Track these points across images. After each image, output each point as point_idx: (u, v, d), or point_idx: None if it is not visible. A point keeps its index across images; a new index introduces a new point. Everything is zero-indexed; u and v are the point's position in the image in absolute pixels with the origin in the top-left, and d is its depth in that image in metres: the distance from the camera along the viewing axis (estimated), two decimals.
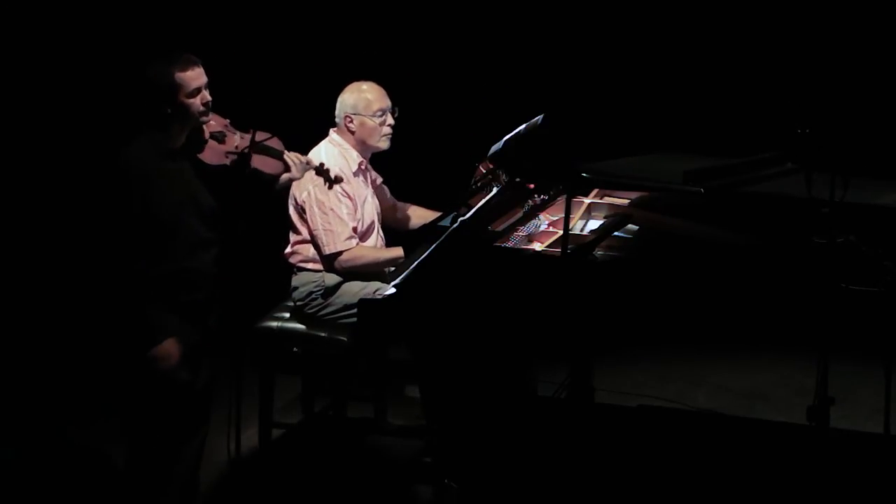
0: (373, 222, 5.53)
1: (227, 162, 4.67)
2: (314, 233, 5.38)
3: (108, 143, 4.76)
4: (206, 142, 4.66)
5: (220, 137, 4.68)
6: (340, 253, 5.36)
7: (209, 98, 4.62)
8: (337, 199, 5.35)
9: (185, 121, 4.59)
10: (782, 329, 4.87)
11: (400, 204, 5.78)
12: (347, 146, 5.45)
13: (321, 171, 5.06)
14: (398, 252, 5.41)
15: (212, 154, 4.66)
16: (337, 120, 5.49)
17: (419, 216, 5.75)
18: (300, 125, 5.31)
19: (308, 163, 4.95)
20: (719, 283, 4.77)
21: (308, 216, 5.39)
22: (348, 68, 5.99)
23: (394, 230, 5.71)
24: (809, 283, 4.62)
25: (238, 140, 4.72)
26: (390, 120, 5.49)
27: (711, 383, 6.34)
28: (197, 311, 4.64)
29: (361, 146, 5.49)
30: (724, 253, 4.83)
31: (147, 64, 4.57)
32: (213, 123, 4.69)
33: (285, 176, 4.87)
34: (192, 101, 4.57)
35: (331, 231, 5.36)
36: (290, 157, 4.84)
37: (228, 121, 4.73)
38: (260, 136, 4.71)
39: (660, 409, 5.96)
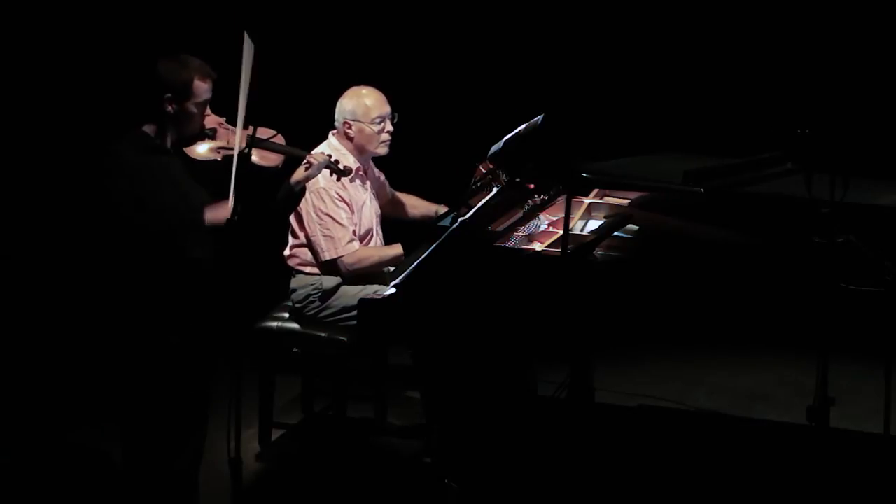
0: (371, 228, 5.52)
1: (218, 157, 4.64)
2: (312, 238, 5.38)
3: (99, 139, 4.73)
4: (195, 138, 4.63)
5: (211, 134, 4.64)
6: (342, 258, 5.36)
7: (210, 114, 4.60)
8: (334, 204, 5.34)
9: (179, 126, 4.55)
10: (782, 329, 4.87)
11: (399, 195, 5.78)
12: (345, 151, 5.44)
13: (328, 163, 5.04)
14: (399, 249, 5.41)
15: (200, 150, 4.62)
16: (336, 125, 5.49)
17: (415, 205, 5.75)
18: (302, 126, 5.30)
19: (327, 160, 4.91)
20: (719, 283, 4.77)
21: (305, 222, 5.38)
22: (349, 68, 6.00)
23: (393, 226, 5.71)
24: (809, 283, 4.62)
25: (231, 136, 4.67)
26: (389, 126, 5.48)
27: (711, 383, 6.34)
28: (193, 309, 4.63)
29: (360, 152, 5.49)
30: (725, 253, 4.83)
31: (164, 60, 4.52)
32: (207, 120, 4.65)
33: (303, 174, 4.81)
34: (195, 112, 4.53)
35: (330, 237, 5.35)
36: (312, 157, 4.80)
37: (224, 119, 4.70)
38: (262, 132, 4.67)
39: (660, 409, 5.96)
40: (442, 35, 7.73)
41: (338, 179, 5.12)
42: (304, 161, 4.82)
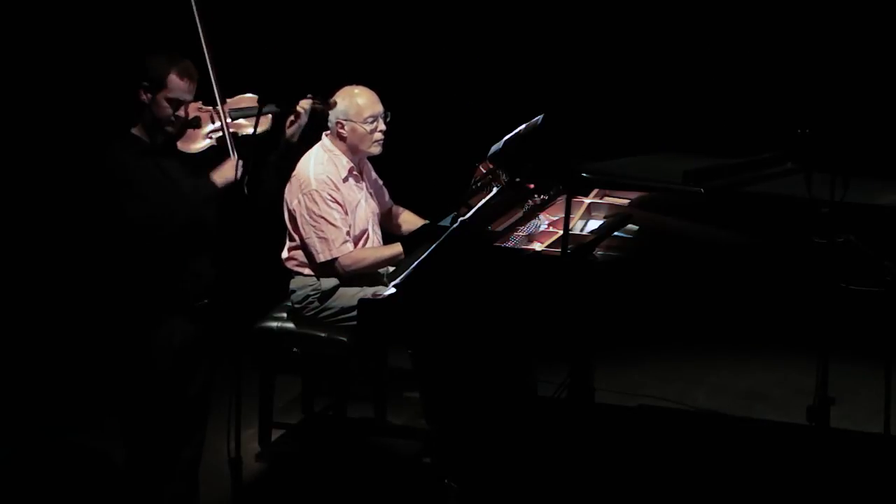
0: (366, 228, 5.50)
1: (213, 142, 4.65)
2: (306, 241, 5.37)
3: (93, 140, 4.74)
4: (182, 132, 4.63)
5: (195, 123, 4.65)
6: (337, 259, 5.36)
7: (183, 115, 4.59)
8: (327, 206, 5.34)
9: (154, 117, 4.56)
10: (782, 329, 4.87)
11: (396, 209, 5.76)
12: (338, 152, 5.44)
13: (314, 104, 5.05)
14: (398, 248, 5.40)
15: (193, 142, 4.63)
16: (329, 125, 5.48)
17: (409, 222, 5.74)
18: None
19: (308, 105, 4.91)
20: (719, 283, 4.77)
21: (299, 224, 5.38)
22: (347, 68, 5.98)
23: (387, 232, 5.70)
24: (809, 283, 4.62)
25: (213, 114, 4.67)
26: (382, 126, 5.47)
27: (711, 383, 6.34)
28: (194, 310, 4.63)
29: (353, 152, 5.48)
30: (725, 253, 4.83)
31: (150, 52, 4.56)
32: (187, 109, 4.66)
33: (295, 127, 4.80)
34: (166, 105, 4.53)
35: (324, 239, 5.35)
36: (302, 104, 4.82)
37: (200, 102, 4.70)
38: (238, 101, 4.69)
39: (660, 409, 5.96)
40: (441, 35, 7.73)
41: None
42: (291, 114, 4.82)
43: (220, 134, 4.63)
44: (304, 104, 4.87)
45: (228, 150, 4.61)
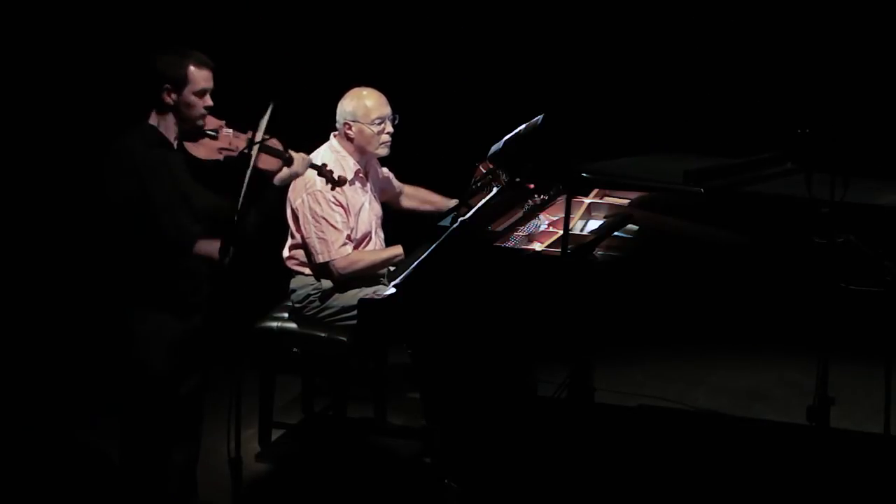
0: (369, 231, 5.51)
1: (220, 157, 4.65)
2: (307, 241, 5.38)
3: (100, 137, 4.74)
4: (199, 137, 4.64)
5: (213, 135, 4.66)
6: (335, 261, 5.36)
7: (210, 103, 4.60)
8: (330, 207, 5.34)
9: (182, 117, 4.57)
10: (782, 329, 4.87)
11: (407, 188, 5.77)
12: (345, 153, 5.44)
13: (323, 171, 5.05)
14: (397, 250, 5.41)
15: (203, 150, 4.64)
16: (337, 126, 5.48)
17: (428, 200, 5.74)
18: (304, 128, 5.30)
19: (311, 161, 4.92)
20: (719, 283, 4.76)
21: (301, 224, 5.38)
22: (350, 68, 5.98)
23: (393, 227, 5.70)
24: (809, 283, 4.62)
25: (232, 139, 4.68)
26: (389, 128, 5.47)
27: (711, 383, 6.34)
28: (187, 309, 4.62)
29: (360, 153, 5.48)
30: (725, 253, 4.83)
31: (160, 53, 4.56)
32: (208, 122, 4.67)
33: (286, 171, 4.78)
34: (196, 100, 4.56)
35: (324, 240, 5.35)
36: (295, 154, 4.80)
37: (224, 122, 4.71)
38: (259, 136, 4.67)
39: (660, 409, 5.96)
40: (442, 35, 7.73)
41: (332, 189, 5.13)
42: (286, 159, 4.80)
43: (231, 154, 4.63)
44: (306, 157, 4.83)
45: (230, 170, 4.60)
